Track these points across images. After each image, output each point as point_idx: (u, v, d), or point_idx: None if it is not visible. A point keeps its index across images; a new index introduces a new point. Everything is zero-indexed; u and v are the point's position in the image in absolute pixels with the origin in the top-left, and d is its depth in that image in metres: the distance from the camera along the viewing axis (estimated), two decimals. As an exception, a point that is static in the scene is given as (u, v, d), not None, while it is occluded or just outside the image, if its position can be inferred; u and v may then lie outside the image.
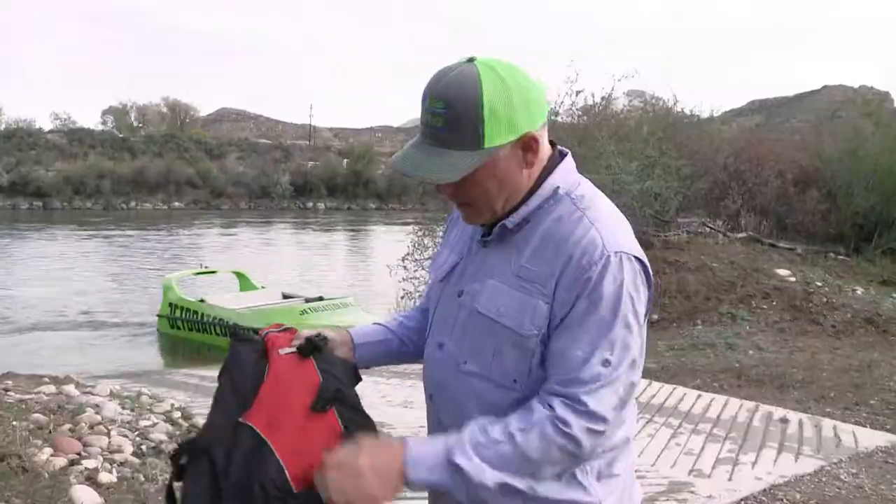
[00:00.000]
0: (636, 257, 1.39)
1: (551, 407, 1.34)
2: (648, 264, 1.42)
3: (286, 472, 1.37)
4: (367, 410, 1.51)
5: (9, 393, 5.84)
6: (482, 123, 1.35)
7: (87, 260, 26.44)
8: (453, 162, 1.37)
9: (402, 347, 1.76)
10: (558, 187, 1.46)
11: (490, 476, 1.32)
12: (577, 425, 1.33)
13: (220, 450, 1.41)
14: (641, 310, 1.39)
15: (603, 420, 1.35)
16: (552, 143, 1.51)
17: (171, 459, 1.48)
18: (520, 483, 1.34)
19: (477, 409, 1.44)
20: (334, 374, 1.49)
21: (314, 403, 1.42)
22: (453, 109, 1.36)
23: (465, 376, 1.48)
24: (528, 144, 1.41)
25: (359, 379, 1.59)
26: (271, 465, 1.37)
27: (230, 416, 1.45)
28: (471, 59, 1.40)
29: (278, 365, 1.50)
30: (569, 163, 1.51)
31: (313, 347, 1.52)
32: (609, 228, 1.40)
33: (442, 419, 1.55)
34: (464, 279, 1.53)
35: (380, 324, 1.80)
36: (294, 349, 1.52)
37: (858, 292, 11.06)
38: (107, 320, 16.76)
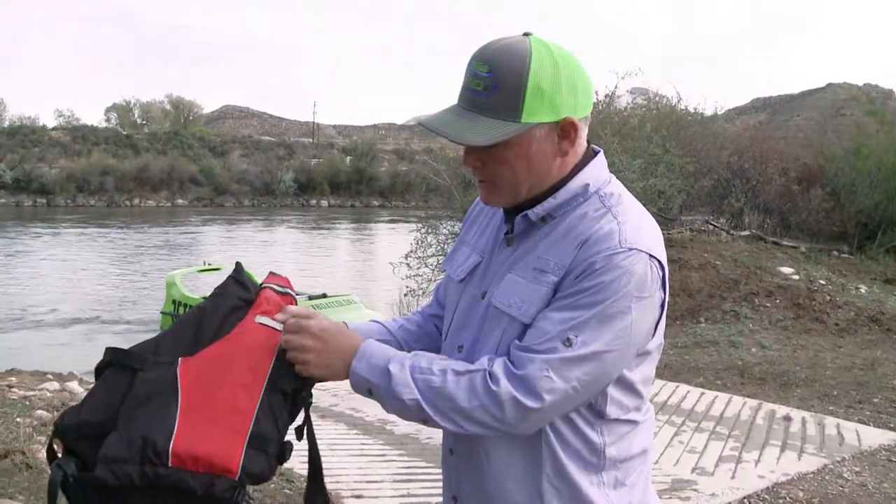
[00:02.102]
0: (652, 256, 1.33)
1: (491, 362, 1.33)
2: (666, 268, 1.36)
3: (172, 441, 1.26)
4: (369, 407, 1.50)
5: (13, 389, 5.86)
6: (524, 95, 1.30)
7: (91, 257, 26.47)
8: (486, 127, 1.32)
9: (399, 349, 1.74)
10: (588, 184, 1.41)
11: (409, 393, 1.32)
12: (505, 388, 1.28)
13: (146, 374, 1.33)
14: (642, 311, 1.32)
15: (536, 396, 1.27)
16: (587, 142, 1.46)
17: (99, 367, 1.39)
18: (436, 416, 1.33)
19: None
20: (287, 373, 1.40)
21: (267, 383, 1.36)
22: (497, 75, 1.31)
23: None
24: (566, 130, 1.36)
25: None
26: (165, 425, 1.27)
27: (175, 350, 1.38)
28: (526, 34, 1.36)
29: (246, 332, 1.42)
30: (601, 160, 1.46)
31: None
32: (632, 225, 1.35)
33: None
34: (486, 280, 1.49)
35: (380, 323, 1.73)
36: (272, 325, 1.44)
37: (862, 290, 11.04)
38: (110, 317, 16.79)
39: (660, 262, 1.34)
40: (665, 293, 1.36)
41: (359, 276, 21.49)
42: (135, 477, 1.24)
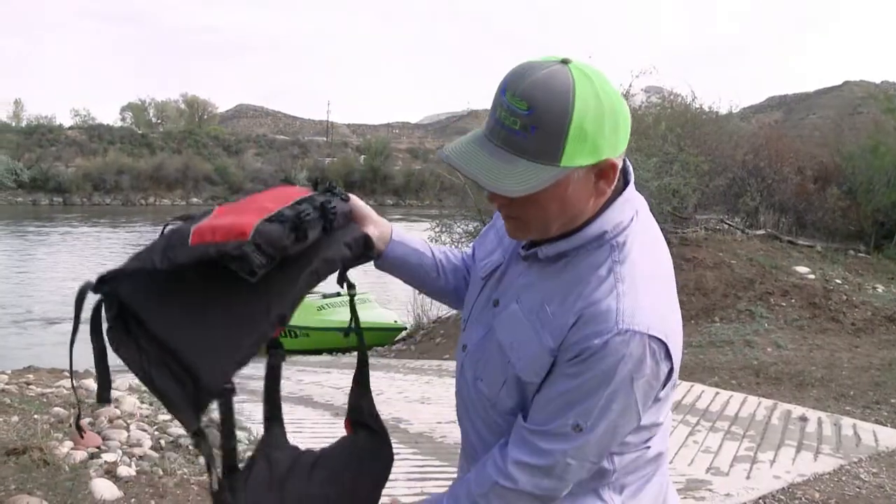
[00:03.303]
0: (651, 336, 1.25)
1: (501, 469, 1.33)
2: (669, 342, 1.27)
3: (194, 227, 1.29)
4: (383, 405, 1.51)
5: (30, 387, 5.91)
6: (565, 139, 1.19)
7: (106, 255, 26.65)
8: (522, 173, 1.21)
9: (434, 272, 1.68)
10: (606, 231, 1.32)
11: None
12: (523, 489, 1.32)
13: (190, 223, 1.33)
14: (642, 388, 1.28)
15: (558, 479, 1.31)
16: None
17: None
18: None
19: (484, 427, 1.44)
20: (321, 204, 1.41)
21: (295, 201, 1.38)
22: (537, 115, 1.18)
23: (479, 393, 1.44)
24: (604, 172, 1.27)
25: (368, 249, 1.52)
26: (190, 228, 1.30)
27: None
28: (564, 61, 1.23)
29: (280, 188, 1.47)
30: (628, 195, 1.36)
31: (327, 189, 1.47)
32: (632, 297, 1.27)
33: (461, 416, 1.54)
34: (500, 288, 1.46)
35: (431, 249, 1.70)
36: (308, 183, 1.47)
37: (879, 290, 10.96)
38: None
39: (659, 339, 1.26)
40: (672, 362, 1.30)
41: (373, 275, 21.47)
42: (157, 260, 1.25)
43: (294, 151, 66.41)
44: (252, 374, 1.62)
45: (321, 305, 13.35)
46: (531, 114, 1.19)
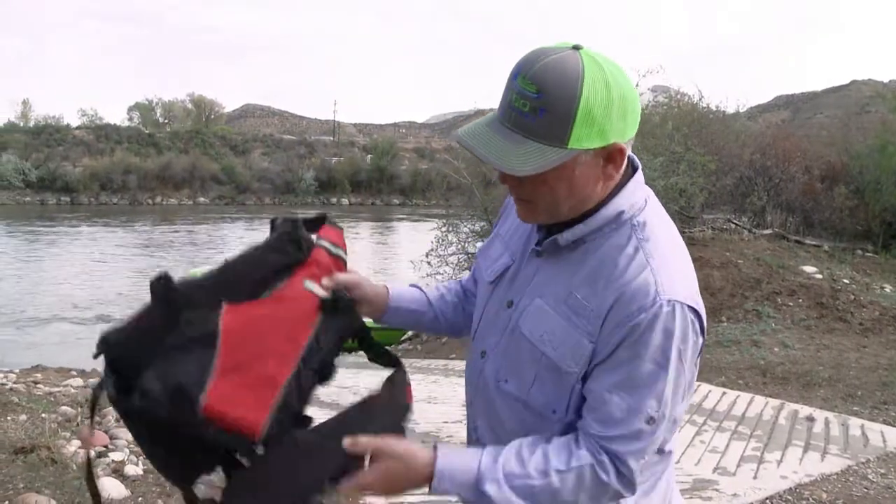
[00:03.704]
0: (690, 307, 1.28)
1: (597, 457, 1.29)
2: (703, 313, 1.31)
3: (206, 396, 1.26)
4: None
5: (38, 386, 5.93)
6: (573, 122, 1.22)
7: (114, 255, 26.72)
8: (530, 153, 1.24)
9: (433, 322, 1.71)
10: (623, 211, 1.34)
11: None
12: (612, 484, 1.29)
13: (190, 316, 1.33)
14: (688, 363, 1.29)
15: (632, 488, 1.31)
16: None
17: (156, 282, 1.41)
18: None
19: (514, 427, 1.40)
20: (325, 344, 1.41)
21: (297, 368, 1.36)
22: (546, 98, 1.21)
23: (504, 395, 1.41)
24: (612, 156, 1.29)
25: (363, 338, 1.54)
26: (201, 378, 1.28)
27: (219, 291, 1.38)
28: (576, 47, 1.26)
29: (291, 295, 1.42)
30: (638, 179, 1.39)
31: (335, 309, 1.45)
32: (665, 270, 1.29)
33: (478, 425, 1.51)
34: (514, 288, 1.44)
35: (420, 289, 1.71)
36: (318, 293, 1.44)
37: (887, 290, 10.92)
38: (131, 314, 16.94)
39: (696, 311, 1.29)
40: (701, 337, 1.32)
41: (380, 274, 21.54)
42: (162, 413, 1.27)
43: (301, 151, 66.42)
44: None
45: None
46: (540, 97, 1.22)
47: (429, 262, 14.76)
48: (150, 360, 1.31)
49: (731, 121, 17.12)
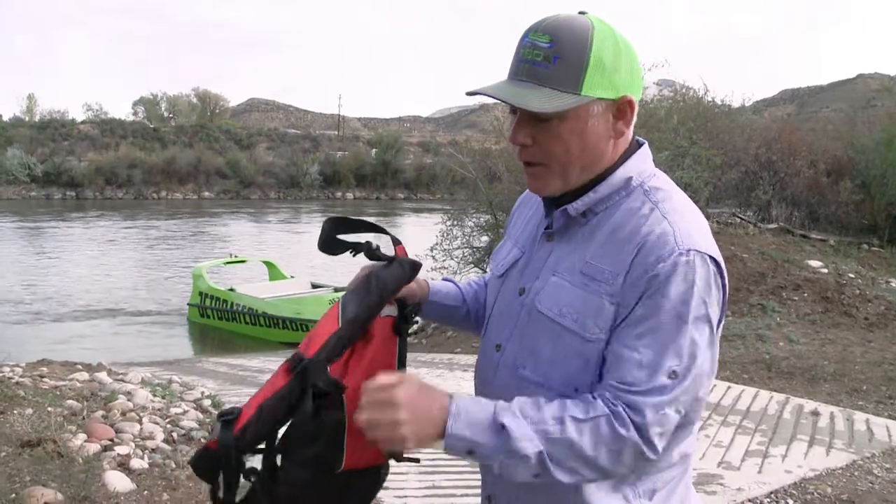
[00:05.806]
0: (711, 257, 1.27)
1: (612, 408, 1.22)
2: (724, 266, 1.30)
3: (343, 462, 1.39)
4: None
5: (44, 379, 5.94)
6: (585, 68, 1.27)
7: (119, 249, 26.77)
8: (547, 96, 1.27)
9: (465, 319, 1.73)
10: (631, 177, 1.36)
11: (533, 447, 1.20)
12: (631, 438, 1.21)
13: (328, 412, 1.35)
14: (714, 315, 1.27)
15: (653, 447, 1.23)
16: None
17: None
18: (556, 469, 1.22)
19: None
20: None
21: None
22: (559, 46, 1.27)
23: (524, 382, 1.37)
24: (622, 110, 1.33)
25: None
26: (339, 454, 1.39)
27: (360, 315, 1.42)
28: (581, 13, 1.33)
29: (376, 330, 1.47)
30: (645, 152, 1.41)
31: (405, 322, 1.53)
32: (683, 223, 1.29)
33: None
34: (525, 276, 1.44)
35: (457, 285, 1.74)
36: (391, 313, 1.50)
37: (893, 284, 10.90)
38: (138, 309, 16.98)
39: (716, 260, 1.28)
40: (721, 291, 1.29)
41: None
42: (307, 478, 1.39)
43: (305, 145, 66.33)
44: (264, 367, 1.62)
45: (332, 299, 13.36)
46: (553, 45, 1.28)
47: (433, 257, 14.76)
48: (280, 447, 1.38)
49: (737, 115, 17.07)
